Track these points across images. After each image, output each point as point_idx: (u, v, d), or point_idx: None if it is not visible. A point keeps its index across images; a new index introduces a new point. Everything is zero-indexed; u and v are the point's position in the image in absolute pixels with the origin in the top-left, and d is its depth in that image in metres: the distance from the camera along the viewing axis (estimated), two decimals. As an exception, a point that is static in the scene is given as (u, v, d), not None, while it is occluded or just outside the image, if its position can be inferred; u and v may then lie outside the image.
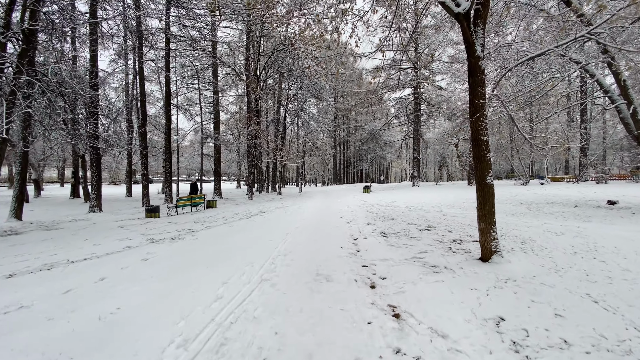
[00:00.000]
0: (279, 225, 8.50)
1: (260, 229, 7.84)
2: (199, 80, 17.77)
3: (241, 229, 7.92)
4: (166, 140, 15.65)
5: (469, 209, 11.49)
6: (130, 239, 7.27)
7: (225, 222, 9.51)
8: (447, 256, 5.17)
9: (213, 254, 5.40)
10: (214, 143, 18.60)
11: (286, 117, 22.24)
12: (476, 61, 4.33)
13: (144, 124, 14.48)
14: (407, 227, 7.70)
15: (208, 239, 6.79)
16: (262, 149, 20.25)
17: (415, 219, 9.03)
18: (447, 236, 6.66)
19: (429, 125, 33.36)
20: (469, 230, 7.34)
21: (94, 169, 12.39)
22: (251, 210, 12.61)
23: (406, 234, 6.94)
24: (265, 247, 5.76)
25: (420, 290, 3.67)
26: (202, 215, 11.37)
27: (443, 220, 8.83)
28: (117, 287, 3.83)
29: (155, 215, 11.01)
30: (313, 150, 27.84)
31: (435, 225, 8.02)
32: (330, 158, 48.38)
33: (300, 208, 12.89)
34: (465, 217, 9.19)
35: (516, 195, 15.30)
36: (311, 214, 10.62)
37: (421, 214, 10.25)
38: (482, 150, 4.47)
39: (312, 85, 19.48)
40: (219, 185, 19.31)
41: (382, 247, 5.76)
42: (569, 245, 5.70)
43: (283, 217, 10.19)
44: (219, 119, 19.05)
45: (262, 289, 3.62)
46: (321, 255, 5.21)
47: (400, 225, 8.08)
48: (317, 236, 6.79)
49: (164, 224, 9.56)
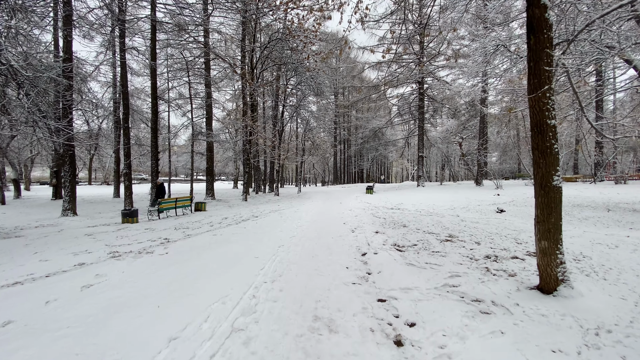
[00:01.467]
0: (271, 234, 7.20)
1: (247, 240, 6.54)
2: (189, 72, 16.45)
3: (225, 240, 6.62)
4: (152, 136, 14.35)
5: (487, 212, 10.21)
6: (89, 252, 5.98)
7: (210, 229, 8.21)
8: (488, 282, 3.88)
9: (177, 280, 4.10)
10: (205, 140, 17.28)
11: (284, 112, 20.89)
12: (541, 12, 3.03)
13: (127, 118, 13.16)
14: (424, 237, 6.40)
15: (180, 254, 5.49)
16: (259, 147, 18.96)
17: (430, 226, 7.74)
18: (476, 250, 5.38)
19: (433, 123, 32.05)
20: (500, 241, 6.05)
21: (66, 168, 11.09)
22: (243, 214, 11.31)
23: (425, 246, 5.65)
24: (249, 268, 4.46)
25: (475, 352, 2.37)
26: (187, 220, 10.07)
27: (463, 227, 7.54)
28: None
29: (133, 220, 9.72)
30: (313, 149, 26.55)
31: (457, 234, 6.73)
32: (330, 157, 47.07)
33: (297, 211, 11.59)
34: (488, 224, 7.90)
35: (532, 197, 14.02)
36: (310, 219, 9.33)
37: (435, 219, 8.96)
38: (548, 139, 3.17)
39: (311, 79, 18.14)
40: (211, 186, 18.00)
41: (399, 267, 4.47)
42: (635, 264, 4.44)
43: (277, 223, 8.89)
44: (211, 114, 17.73)
45: (229, 353, 2.32)
46: (321, 281, 3.92)
47: (415, 234, 6.78)
48: (316, 250, 5.49)
49: (139, 232, 8.26)
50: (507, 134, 28.99)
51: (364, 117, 36.24)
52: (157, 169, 14.38)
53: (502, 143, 35.81)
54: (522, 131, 32.83)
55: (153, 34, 13.90)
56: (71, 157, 11.26)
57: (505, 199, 14.06)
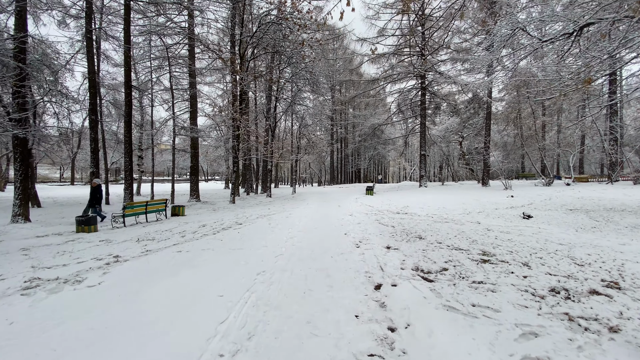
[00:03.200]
0: (252, 250, 5.61)
1: (217, 261, 4.94)
2: (170, 60, 14.76)
3: (189, 261, 5.02)
4: (126, 130, 12.64)
5: (511, 218, 8.74)
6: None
7: (179, 242, 6.60)
8: (588, 349, 2.36)
9: (77, 350, 2.51)
10: (189, 135, 15.59)
11: (277, 106, 19.23)
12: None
13: (95, 110, 11.46)
14: (452, 256, 4.88)
15: (115, 287, 3.88)
16: (251, 144, 17.35)
17: (452, 238, 6.23)
18: (532, 278, 3.87)
19: (434, 120, 30.67)
20: (553, 261, 4.56)
21: (17, 166, 9.37)
22: (225, 220, 9.70)
23: (460, 272, 4.12)
24: (202, 323, 2.86)
25: None
26: (157, 229, 8.43)
27: (494, 239, 6.03)
28: None
29: (90, 228, 8.05)
30: (308, 147, 24.95)
31: (491, 250, 5.22)
32: (327, 156, 45.50)
33: (289, 217, 10.00)
34: (522, 235, 6.41)
35: (551, 199, 12.64)
36: (303, 228, 7.75)
37: (454, 227, 7.46)
38: None
39: (306, 70, 16.53)
40: (196, 186, 16.31)
41: (436, 315, 2.93)
42: None
43: (264, 232, 7.30)
44: (196, 107, 16.02)
45: None
46: (316, 352, 2.35)
47: (437, 250, 5.25)
48: (310, 280, 3.92)
49: (90, 245, 6.62)
50: (512, 132, 27.71)
51: (361, 114, 34.72)
52: (132, 167, 12.69)
53: (504, 142, 34.61)
54: (524, 130, 31.62)
55: (127, 14, 12.20)
56: (23, 154, 9.54)
57: (521, 201, 12.65)
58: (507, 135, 32.44)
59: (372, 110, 32.51)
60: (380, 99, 31.12)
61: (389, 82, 25.35)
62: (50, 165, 50.87)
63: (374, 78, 24.50)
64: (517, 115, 20.91)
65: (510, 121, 22.15)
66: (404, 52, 23.79)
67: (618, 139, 17.14)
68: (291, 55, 15.84)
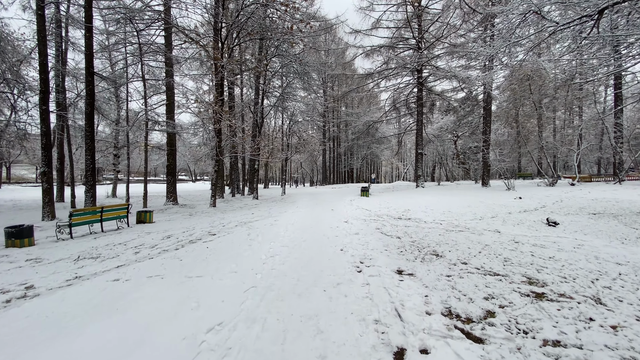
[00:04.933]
0: (212, 281, 4.11)
1: (156, 301, 3.42)
2: (142, 46, 13.08)
3: (119, 298, 3.52)
4: (86, 123, 10.94)
5: (532, 225, 7.50)
6: None
7: (125, 263, 5.09)
8: None
9: None
10: (165, 131, 13.93)
11: (264, 99, 17.65)
12: None
13: (46, 99, 9.75)
14: (491, 287, 3.53)
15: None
16: (236, 141, 15.79)
17: (476, 254, 4.90)
18: (626, 330, 2.54)
19: (430, 118, 29.61)
20: (628, 294, 3.26)
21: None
22: (197, 229, 8.16)
23: (516, 321, 2.76)
24: None
25: None
26: (110, 241, 6.85)
27: (529, 256, 4.74)
28: None
29: (23, 242, 6.42)
30: (299, 145, 23.49)
31: (538, 276, 3.90)
32: (319, 156, 44.08)
33: (275, 224, 8.53)
34: (562, 250, 5.12)
35: (562, 201, 11.56)
36: (289, 241, 6.30)
37: (471, 237, 6.15)
38: None
39: (296, 59, 15.04)
40: (173, 188, 14.63)
41: None
42: None
43: (237, 249, 5.82)
44: (173, 99, 14.33)
45: None
46: None
47: (468, 277, 3.89)
48: (289, 344, 2.49)
49: (11, 267, 5.06)
50: (509, 131, 26.87)
51: (354, 112, 33.43)
52: (94, 165, 10.99)
53: (499, 141, 33.84)
54: (522, 128, 30.87)
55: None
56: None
57: (531, 203, 11.52)
58: (502, 134, 31.68)
59: (366, 107, 31.26)
60: (374, 96, 29.87)
61: (384, 77, 24.09)
62: (30, 165, 48.00)
63: (368, 73, 23.18)
64: (517, 112, 19.91)
65: (510, 117, 21.16)
66: (400, 46, 22.58)
67: (625, 137, 16.27)
68: (279, 44, 14.36)
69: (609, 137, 15.96)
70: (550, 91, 18.83)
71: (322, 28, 20.88)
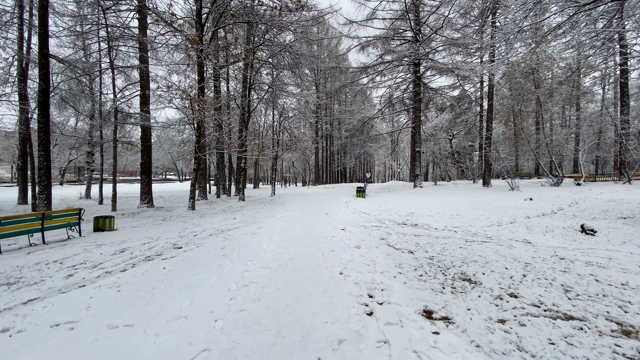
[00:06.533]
0: (144, 338, 2.75)
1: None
2: (108, 28, 11.50)
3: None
4: (40, 114, 9.34)
5: (563, 233, 6.31)
6: None
7: (40, 296, 3.66)
8: None
9: None
10: (138, 124, 12.36)
11: (251, 90, 16.16)
12: None
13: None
14: (568, 339, 2.25)
15: None
16: (221, 136, 14.32)
17: (522, 279, 3.64)
18: None
19: (427, 115, 28.62)
20: None
21: None
22: (162, 239, 6.71)
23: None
24: None
25: None
26: (43, 258, 5.37)
27: (594, 282, 3.51)
28: None
29: None
30: (291, 143, 22.08)
31: (630, 321, 2.65)
32: (311, 154, 42.71)
33: (258, 233, 7.14)
34: (627, 271, 3.92)
35: (577, 203, 10.54)
36: (272, 258, 4.94)
37: (499, 250, 4.92)
38: None
39: (284, 47, 13.63)
40: (148, 188, 13.04)
41: None
42: None
43: (202, 273, 4.42)
44: (147, 87, 12.77)
45: None
46: None
47: (529, 324, 2.62)
48: None
49: None
50: (506, 130, 26.10)
51: (348, 109, 32.19)
52: (48, 164, 9.40)
53: (497, 140, 33.13)
54: (520, 127, 30.22)
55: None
56: None
57: (544, 205, 10.46)
58: (498, 134, 31.00)
59: (360, 104, 30.05)
60: (368, 92, 28.68)
61: (379, 72, 22.88)
62: (8, 164, 45.20)
63: (363, 66, 21.94)
64: (519, 109, 18.98)
65: (510, 114, 20.30)
66: (396, 38, 21.41)
67: (634, 134, 15.45)
68: (267, 29, 12.95)
69: (615, 132, 15.09)
70: (555, 85, 17.94)
71: (314, 17, 19.53)
